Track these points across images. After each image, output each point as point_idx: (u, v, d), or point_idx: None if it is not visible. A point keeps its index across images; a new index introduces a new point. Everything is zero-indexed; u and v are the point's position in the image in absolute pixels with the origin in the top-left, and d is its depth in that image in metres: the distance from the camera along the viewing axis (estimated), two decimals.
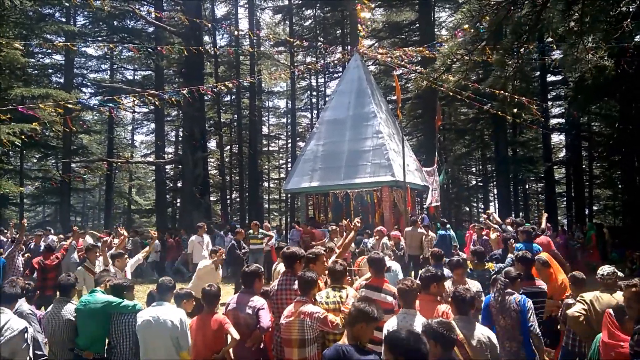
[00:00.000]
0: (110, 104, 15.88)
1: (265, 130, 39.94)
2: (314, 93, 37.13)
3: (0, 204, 24.05)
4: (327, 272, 4.91)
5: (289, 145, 37.55)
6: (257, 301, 4.72)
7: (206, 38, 28.48)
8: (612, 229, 19.36)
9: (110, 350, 4.89)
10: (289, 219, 32.56)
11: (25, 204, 30.47)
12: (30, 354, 4.20)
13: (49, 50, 25.74)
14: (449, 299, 4.26)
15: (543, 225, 9.31)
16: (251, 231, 12.87)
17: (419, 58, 19.51)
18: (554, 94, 28.58)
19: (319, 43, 31.31)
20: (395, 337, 2.78)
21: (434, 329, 3.14)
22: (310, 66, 26.21)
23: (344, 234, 11.28)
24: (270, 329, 4.63)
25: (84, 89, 29.45)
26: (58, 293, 5.33)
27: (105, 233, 14.91)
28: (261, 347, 4.77)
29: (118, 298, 4.96)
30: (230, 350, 4.64)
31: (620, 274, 4.73)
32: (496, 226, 9.75)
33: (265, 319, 4.58)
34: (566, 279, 5.80)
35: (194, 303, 5.10)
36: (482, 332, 3.91)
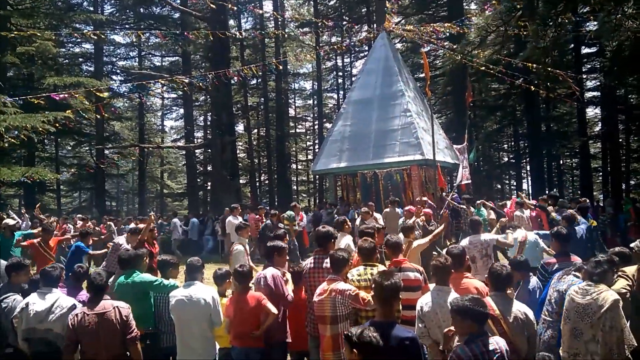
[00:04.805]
0: (140, 91, 16.11)
1: (292, 112, 39.87)
2: (340, 73, 36.77)
3: (38, 191, 24.87)
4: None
5: (316, 126, 37.47)
6: (269, 272, 4.95)
7: (231, 22, 28.45)
8: None
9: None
10: (317, 200, 32.66)
11: (62, 190, 31.45)
12: None
13: (79, 40, 26.18)
14: (485, 277, 4.21)
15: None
16: (291, 213, 13.17)
17: (448, 34, 19.02)
18: (589, 66, 27.53)
19: (344, 22, 30.87)
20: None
21: (463, 305, 3.14)
22: (335, 46, 25.93)
23: (374, 214, 11.29)
24: (287, 296, 4.83)
25: (113, 77, 30.18)
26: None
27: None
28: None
29: (159, 277, 5.17)
30: None
31: None
32: (532, 203, 10.20)
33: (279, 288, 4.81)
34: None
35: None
36: (519, 309, 3.86)
